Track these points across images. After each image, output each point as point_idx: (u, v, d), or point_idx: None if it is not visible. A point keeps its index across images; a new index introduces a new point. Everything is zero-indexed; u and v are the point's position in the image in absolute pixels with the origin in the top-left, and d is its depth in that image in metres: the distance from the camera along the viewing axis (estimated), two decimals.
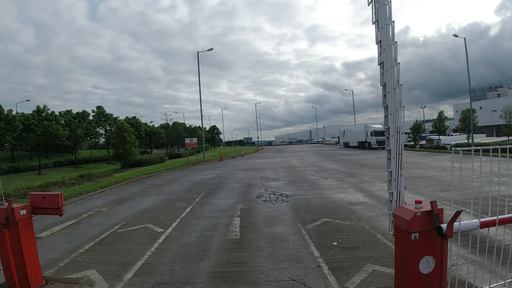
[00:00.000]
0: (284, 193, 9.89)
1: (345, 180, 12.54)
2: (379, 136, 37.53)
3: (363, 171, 15.16)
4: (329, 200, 8.78)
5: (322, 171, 15.94)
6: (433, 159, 21.21)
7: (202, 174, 16.46)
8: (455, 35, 29.22)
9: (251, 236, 5.73)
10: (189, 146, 23.88)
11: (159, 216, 7.50)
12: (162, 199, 9.80)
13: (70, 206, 9.51)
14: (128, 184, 13.84)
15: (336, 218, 6.82)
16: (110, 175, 16.67)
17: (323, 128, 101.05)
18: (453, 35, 28.99)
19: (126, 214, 7.96)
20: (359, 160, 21.81)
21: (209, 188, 11.60)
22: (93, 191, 11.68)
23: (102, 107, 45.68)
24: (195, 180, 14.37)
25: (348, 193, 9.68)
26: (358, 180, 12.43)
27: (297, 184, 11.80)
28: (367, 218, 6.83)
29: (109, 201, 9.98)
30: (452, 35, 28.90)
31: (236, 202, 8.85)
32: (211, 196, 9.99)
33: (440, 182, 11.39)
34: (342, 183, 11.65)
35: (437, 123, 34.33)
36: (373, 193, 9.65)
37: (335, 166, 18.38)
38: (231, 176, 15.34)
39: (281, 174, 15.13)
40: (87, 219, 7.73)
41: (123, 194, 11.12)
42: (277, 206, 8.21)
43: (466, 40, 27.36)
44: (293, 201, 8.78)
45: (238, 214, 7.41)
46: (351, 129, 46.55)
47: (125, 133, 21.00)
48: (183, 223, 6.81)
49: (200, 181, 13.81)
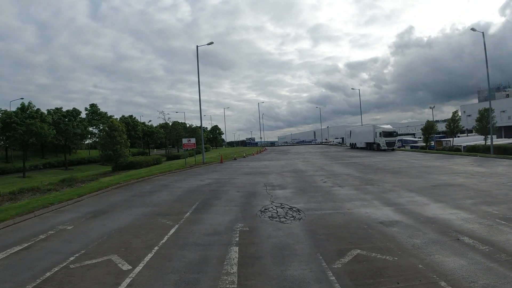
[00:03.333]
0: (294, 207, 8.05)
1: (363, 188, 10.67)
2: (388, 137, 35.57)
3: (381, 177, 13.28)
4: (353, 217, 6.93)
5: (334, 176, 14.07)
6: (452, 162, 19.29)
7: (199, 179, 14.64)
8: (473, 29, 27.24)
9: (255, 284, 3.90)
10: (187, 147, 22.06)
11: (132, 242, 5.70)
12: (145, 213, 8.00)
13: (33, 222, 7.76)
14: (112, 191, 12.05)
15: (370, 248, 4.99)
16: (96, 180, 14.91)
17: (327, 129, 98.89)
18: (471, 29, 27.00)
19: (94, 236, 6.17)
20: (372, 163, 19.91)
21: (204, 198, 9.77)
22: (68, 201, 9.91)
23: (95, 105, 43.72)
24: (189, 186, 12.55)
25: (373, 207, 7.82)
26: (379, 188, 10.56)
27: (308, 194, 9.95)
28: (413, 248, 4.99)
29: (81, 214, 8.21)
30: (470, 29, 26.90)
31: (235, 220, 7.02)
32: (205, 210, 8.17)
33: (477, 192, 9.54)
34: (362, 193, 9.78)
35: (451, 123, 32.24)
36: (404, 207, 7.80)
37: (347, 170, 16.50)
38: (231, 182, 13.52)
39: (288, 180, 13.28)
40: (41, 243, 5.96)
41: (101, 205, 9.33)
42: (287, 226, 6.37)
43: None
44: (307, 218, 6.94)
45: (236, 240, 5.58)
46: (358, 129, 44.49)
47: (116, 133, 19.24)
48: (161, 255, 4.99)
49: (195, 188, 12.00)
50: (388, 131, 36.33)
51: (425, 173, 14.52)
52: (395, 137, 36.63)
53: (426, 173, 14.34)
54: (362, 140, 41.08)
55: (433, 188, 10.49)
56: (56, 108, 37.33)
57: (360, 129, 43.88)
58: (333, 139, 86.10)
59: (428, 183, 11.42)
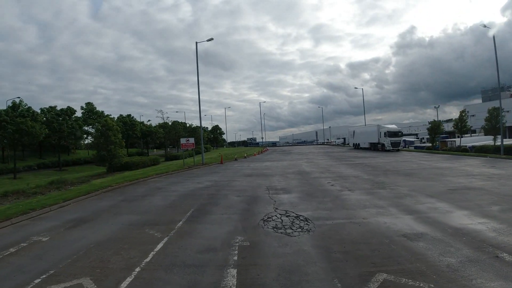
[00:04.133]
0: (301, 215, 7.11)
1: (376, 192, 9.72)
2: (393, 137, 34.58)
3: (393, 180, 12.33)
4: (370, 229, 5.99)
5: (342, 178, 13.12)
6: (463, 163, 18.31)
7: (197, 182, 13.72)
8: (484, 25, 26.24)
9: None
10: (185, 147, 21.12)
11: (111, 260, 4.78)
12: (132, 222, 7.08)
13: (6, 231, 6.89)
14: (101, 195, 11.15)
15: (399, 272, 4.05)
16: (87, 182, 14.01)
17: (329, 129, 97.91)
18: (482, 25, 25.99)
19: (69, 251, 5.27)
20: (379, 165, 18.95)
21: (200, 204, 8.85)
22: (51, 206, 9.02)
23: (91, 103, 42.60)
24: (185, 190, 11.63)
25: (392, 216, 6.88)
26: (393, 193, 9.61)
27: (316, 199, 9.00)
28: (449, 271, 4.08)
29: (61, 222, 7.31)
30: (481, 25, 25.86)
31: (234, 231, 6.10)
32: (200, 219, 7.24)
33: (501, 197, 8.63)
34: (375, 198, 8.83)
35: (458, 123, 31.18)
36: (426, 215, 6.85)
37: (354, 172, 15.55)
38: (230, 184, 12.60)
39: (293, 183, 12.35)
40: (9, 259, 5.09)
41: (85, 212, 8.42)
42: (295, 241, 5.43)
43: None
44: (318, 230, 6.00)
45: (235, 259, 4.64)
46: (362, 129, 43.47)
47: (110, 132, 18.28)
48: (141, 280, 4.07)
49: (191, 192, 11.08)
50: (393, 131, 35.33)
51: (438, 175, 13.57)
52: (400, 137, 35.63)
53: (440, 175, 13.38)
54: (366, 140, 40.09)
55: (452, 192, 9.55)
56: (50, 107, 36.28)
57: (364, 129, 42.86)
58: (335, 139, 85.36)
59: (445, 187, 10.48)
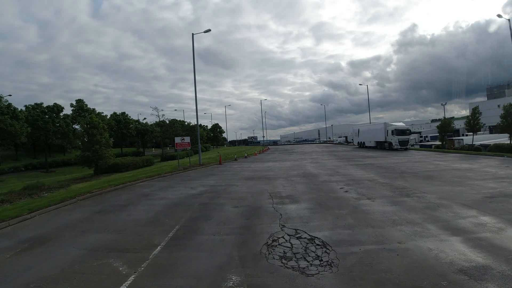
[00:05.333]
0: (316, 237, 5.50)
1: (402, 202, 8.09)
2: (401, 135, 32.89)
3: (413, 184, 10.70)
4: (414, 260, 4.37)
5: (355, 183, 11.50)
6: (482, 164, 16.65)
7: (190, 186, 12.11)
8: (499, 15, 24.57)
9: None
10: (180, 147, 19.51)
11: None
12: (98, 246, 5.48)
13: None
14: (76, 204, 9.57)
15: None
16: (67, 186, 12.42)
17: (331, 127, 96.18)
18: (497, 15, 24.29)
19: None
20: (391, 165, 17.31)
21: (189, 218, 7.24)
22: (12, 219, 7.47)
23: (82, 100, 40.28)
24: (175, 197, 10.02)
25: (434, 238, 5.25)
26: (422, 202, 7.98)
27: (330, 211, 7.39)
28: None
29: (13, 243, 5.78)
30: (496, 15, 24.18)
31: (228, 265, 4.49)
32: (185, 242, 5.64)
33: None
34: (404, 210, 7.21)
35: (471, 120, 29.40)
36: (476, 236, 5.25)
37: (367, 174, 13.91)
38: (228, 190, 10.99)
39: (299, 188, 10.74)
40: None
41: (47, 228, 6.84)
42: (314, 285, 3.81)
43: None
44: (343, 263, 4.38)
45: None
46: (367, 127, 41.73)
47: (95, 131, 16.63)
48: None
49: (181, 201, 9.48)
50: (401, 129, 33.63)
51: (463, 178, 11.95)
52: (408, 135, 33.92)
53: (465, 179, 11.76)
54: (372, 138, 38.40)
55: (490, 201, 7.92)
56: (36, 104, 34.29)
57: (370, 127, 41.13)
58: (336, 138, 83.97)
59: (478, 193, 8.86)
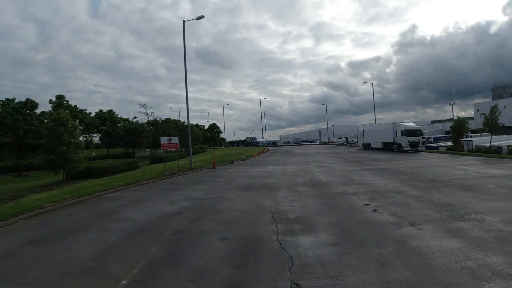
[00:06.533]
0: None
1: (461, 231, 5.58)
2: (411, 136, 30.44)
3: (456, 198, 8.22)
4: None
5: (380, 196, 9.00)
6: None
7: (169, 200, 9.57)
8: None
9: None
10: (166, 148, 16.95)
11: None
12: None
13: None
14: (15, 225, 7.00)
15: None
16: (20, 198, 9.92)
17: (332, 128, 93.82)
18: None
19: None
20: (411, 171, 14.84)
21: (149, 262, 4.69)
22: None
23: (63, 96, 37.32)
24: (143, 219, 7.44)
25: None
26: (488, 231, 5.49)
27: (366, 250, 4.87)
28: None
29: None
30: None
31: None
32: None
33: None
34: (473, 248, 4.69)
35: (488, 120, 27.03)
36: None
37: (389, 182, 11.42)
38: (217, 207, 8.47)
39: (311, 204, 8.23)
40: None
41: None
42: None
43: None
44: None
45: None
46: (373, 128, 39.25)
47: (62, 129, 13.96)
48: None
49: (149, 224, 6.92)
50: (412, 129, 31.17)
51: (510, 188, 9.57)
52: (419, 136, 31.46)
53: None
54: (379, 139, 35.96)
55: None
56: (7, 99, 31.24)
57: (376, 127, 38.68)
58: (337, 139, 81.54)
59: None
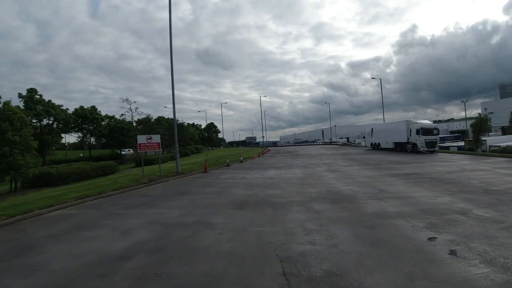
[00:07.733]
0: None
1: None
2: (428, 135, 27.40)
3: None
4: None
5: (439, 219, 5.95)
6: None
7: (123, 228, 6.38)
8: None
9: None
10: (145, 149, 13.90)
11: None
12: None
13: None
14: None
15: None
16: None
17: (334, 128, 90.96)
18: None
19: None
20: (449, 177, 11.83)
21: None
22: None
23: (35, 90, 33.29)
24: (63, 269, 4.40)
25: None
26: None
27: None
28: None
29: None
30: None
31: None
32: None
33: None
34: None
35: None
36: None
37: (437, 196, 8.37)
38: (191, 245, 5.41)
39: (342, 239, 5.17)
40: None
41: None
42: None
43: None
44: None
45: None
46: (384, 127, 36.17)
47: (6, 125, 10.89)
48: None
49: (63, 285, 3.90)
50: (428, 127, 28.12)
51: None
52: (436, 135, 28.41)
53: None
54: (390, 139, 32.91)
55: None
56: None
57: (386, 126, 35.65)
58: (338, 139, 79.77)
59: None
